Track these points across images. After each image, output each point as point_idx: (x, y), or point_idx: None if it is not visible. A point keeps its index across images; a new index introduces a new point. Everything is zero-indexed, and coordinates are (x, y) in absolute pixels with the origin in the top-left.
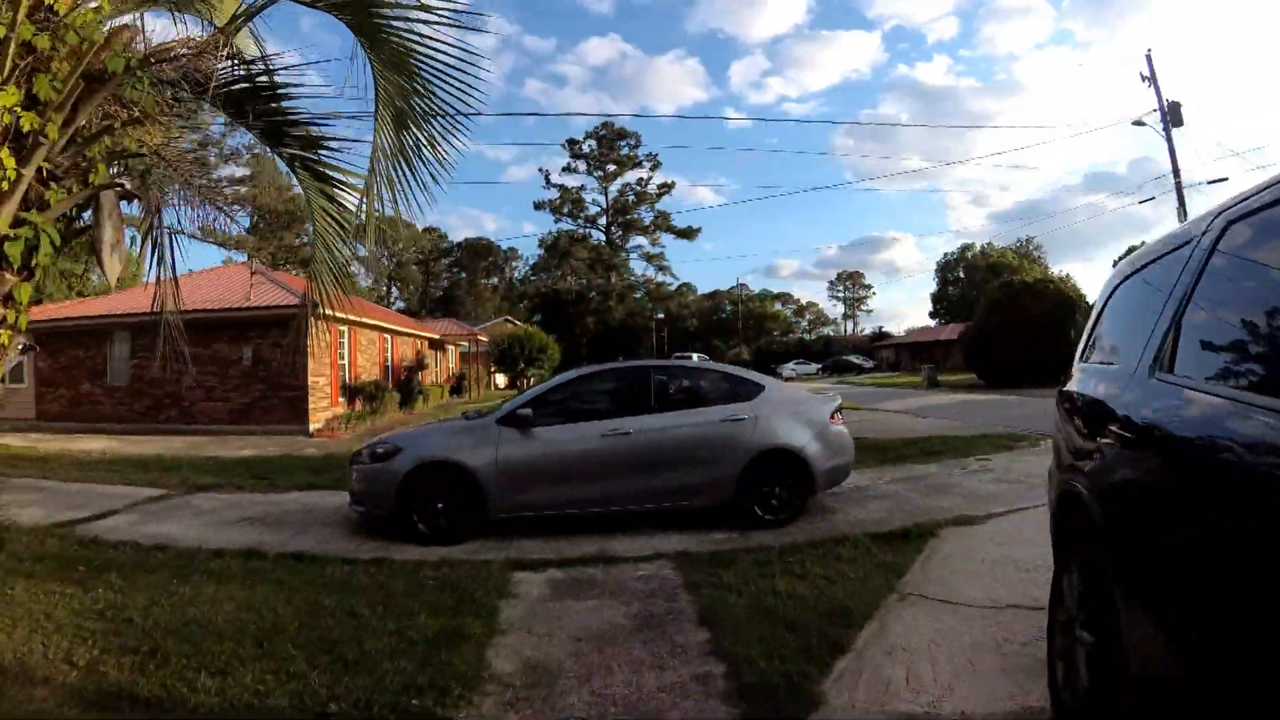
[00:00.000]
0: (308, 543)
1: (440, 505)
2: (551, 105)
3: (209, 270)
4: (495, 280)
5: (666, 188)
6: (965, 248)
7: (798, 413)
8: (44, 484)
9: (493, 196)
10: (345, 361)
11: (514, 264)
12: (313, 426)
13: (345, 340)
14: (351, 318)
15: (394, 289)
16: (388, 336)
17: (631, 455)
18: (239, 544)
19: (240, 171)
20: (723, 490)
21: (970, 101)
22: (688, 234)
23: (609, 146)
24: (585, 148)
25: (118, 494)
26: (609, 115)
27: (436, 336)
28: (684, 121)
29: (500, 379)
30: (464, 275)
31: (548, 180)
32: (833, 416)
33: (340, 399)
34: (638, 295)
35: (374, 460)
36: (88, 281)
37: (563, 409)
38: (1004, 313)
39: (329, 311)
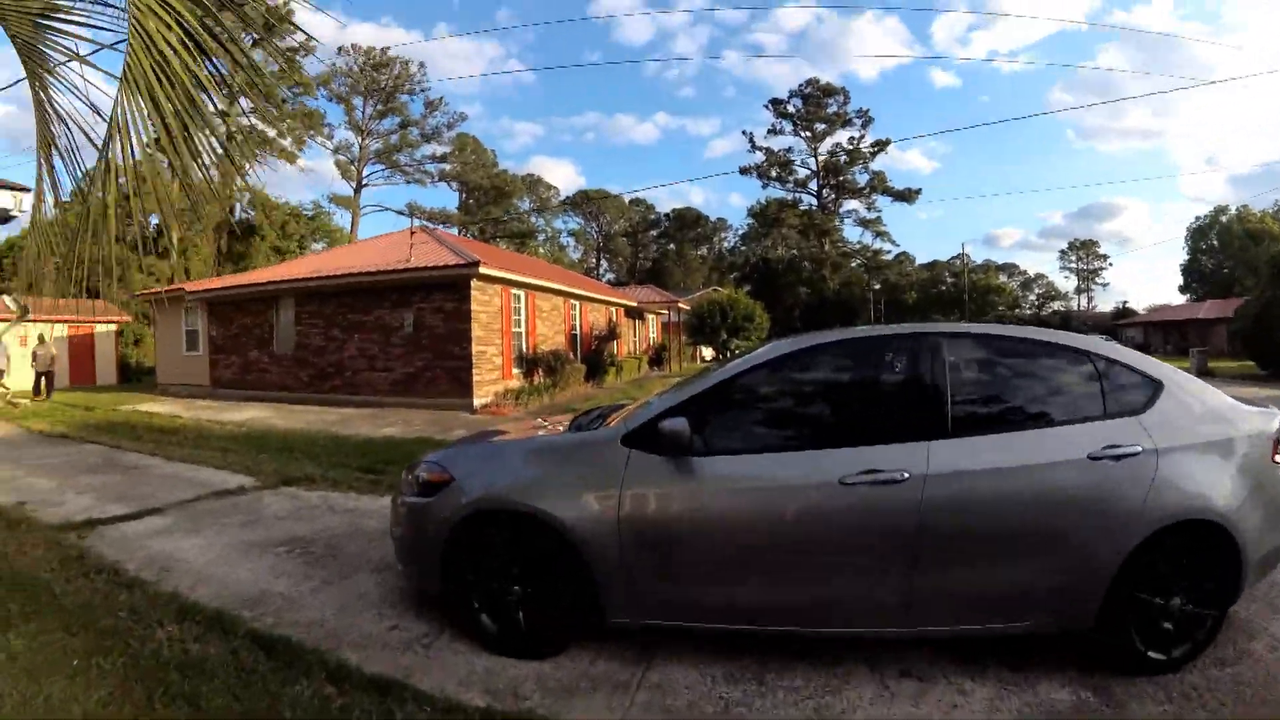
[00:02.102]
0: (322, 608)
1: (517, 588)
2: (750, 76)
3: (377, 237)
4: (704, 251)
5: (880, 145)
6: (1218, 211)
7: (1221, 442)
8: (142, 462)
9: (697, 170)
10: (522, 329)
11: (723, 235)
12: (478, 401)
13: (521, 305)
14: (527, 279)
15: (603, 261)
16: (574, 303)
17: (906, 527)
18: (232, 593)
19: (441, 149)
20: (1078, 604)
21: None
22: (906, 196)
23: (815, 105)
24: (790, 107)
25: (196, 482)
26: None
27: (633, 304)
28: (888, 86)
29: (707, 351)
30: (672, 246)
31: (752, 143)
32: (1277, 448)
33: (515, 370)
34: (854, 264)
35: (419, 492)
36: None
37: (756, 419)
38: None
39: (494, 272)
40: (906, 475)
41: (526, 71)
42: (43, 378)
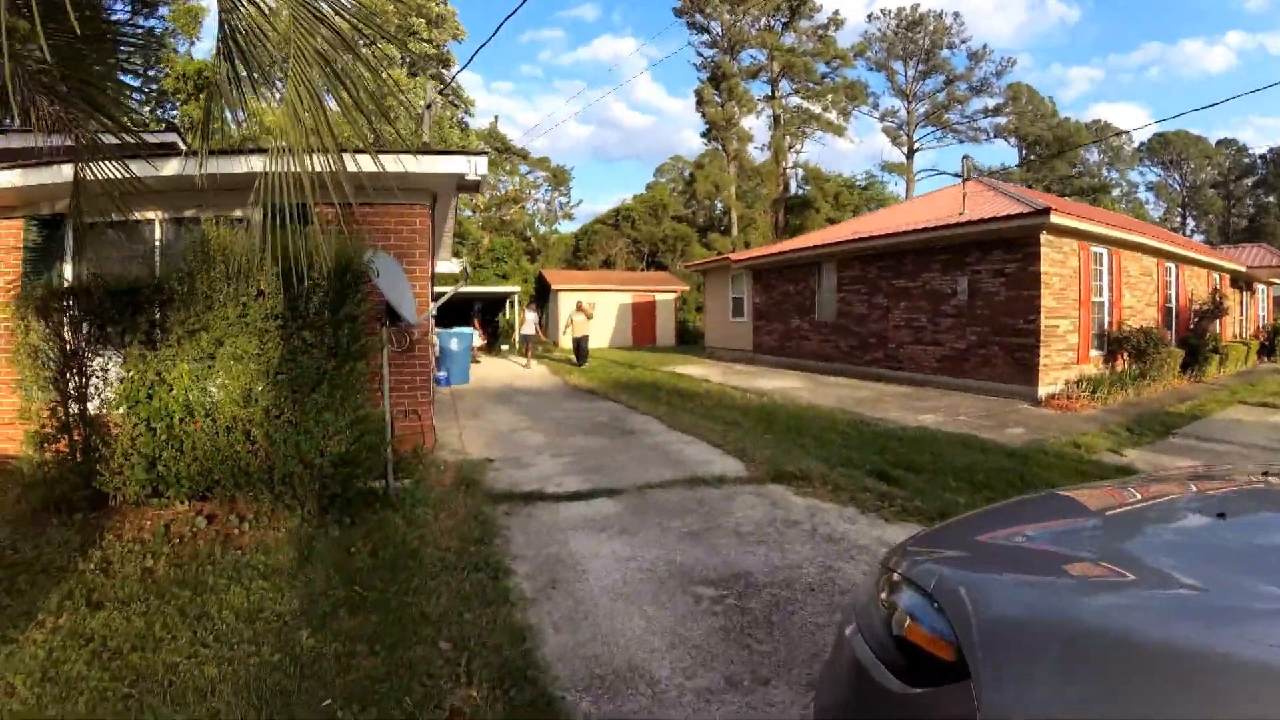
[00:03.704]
0: None
1: None
2: None
3: (925, 195)
4: None
5: None
6: None
7: None
8: (642, 426)
9: None
10: (1104, 299)
11: None
12: (1043, 390)
13: (1104, 268)
14: (1111, 232)
15: (1189, 219)
16: (1169, 266)
17: None
18: (589, 656)
19: (992, 101)
20: None
21: None
22: None
23: None
24: None
25: (678, 460)
26: None
27: (1241, 269)
28: None
29: None
30: (1271, 199)
31: None
32: None
33: (1092, 352)
34: None
35: (885, 655)
36: None
37: None
38: None
39: (1068, 222)
40: None
41: (1069, 7)
42: (577, 345)
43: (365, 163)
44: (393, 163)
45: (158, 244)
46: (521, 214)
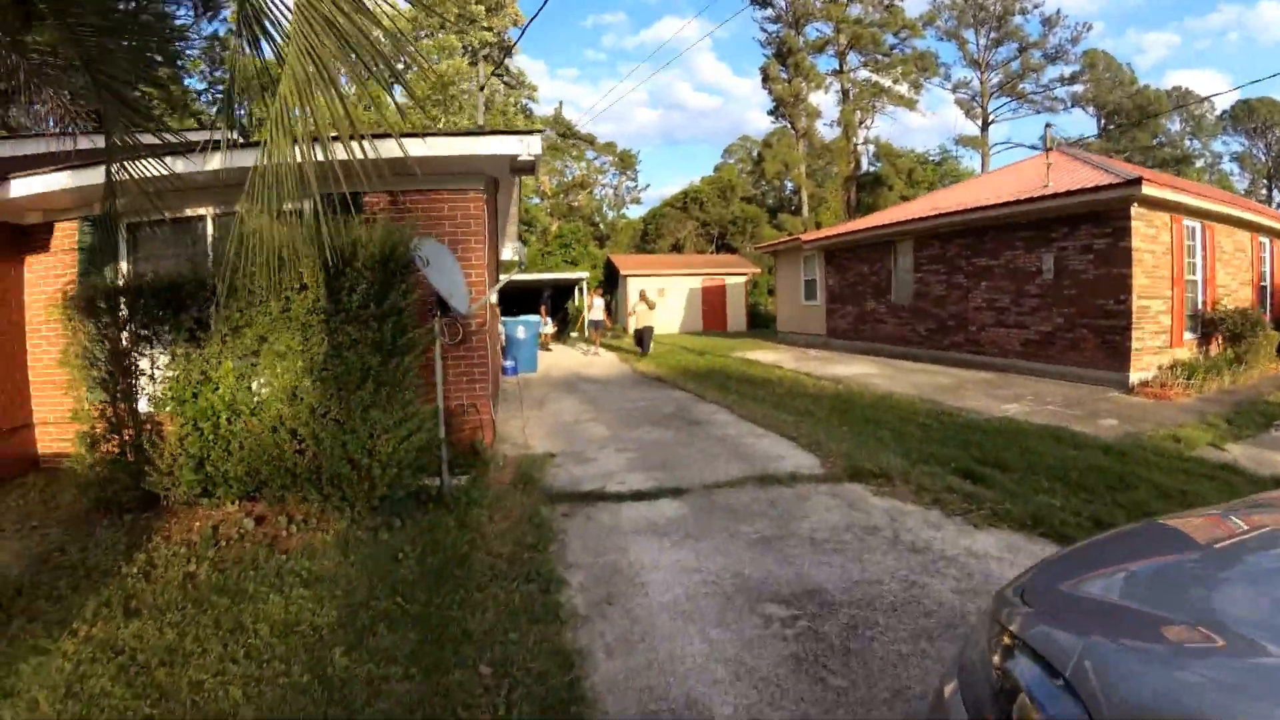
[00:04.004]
0: None
1: None
2: None
3: (1004, 168)
4: None
5: None
6: None
7: None
8: (711, 417)
9: None
10: (1196, 277)
11: None
12: (1134, 376)
13: (1196, 243)
14: (1207, 205)
15: (1275, 190)
16: (1263, 241)
17: None
18: (642, 688)
19: (1068, 69)
20: None
21: None
22: None
23: None
24: None
25: (749, 454)
26: None
27: None
28: None
29: None
30: None
31: None
32: None
33: (1185, 335)
34: None
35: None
36: None
37: None
38: None
39: (1161, 193)
40: None
41: None
42: (639, 335)
43: (411, 147)
44: (444, 145)
45: (210, 239)
46: (589, 200)
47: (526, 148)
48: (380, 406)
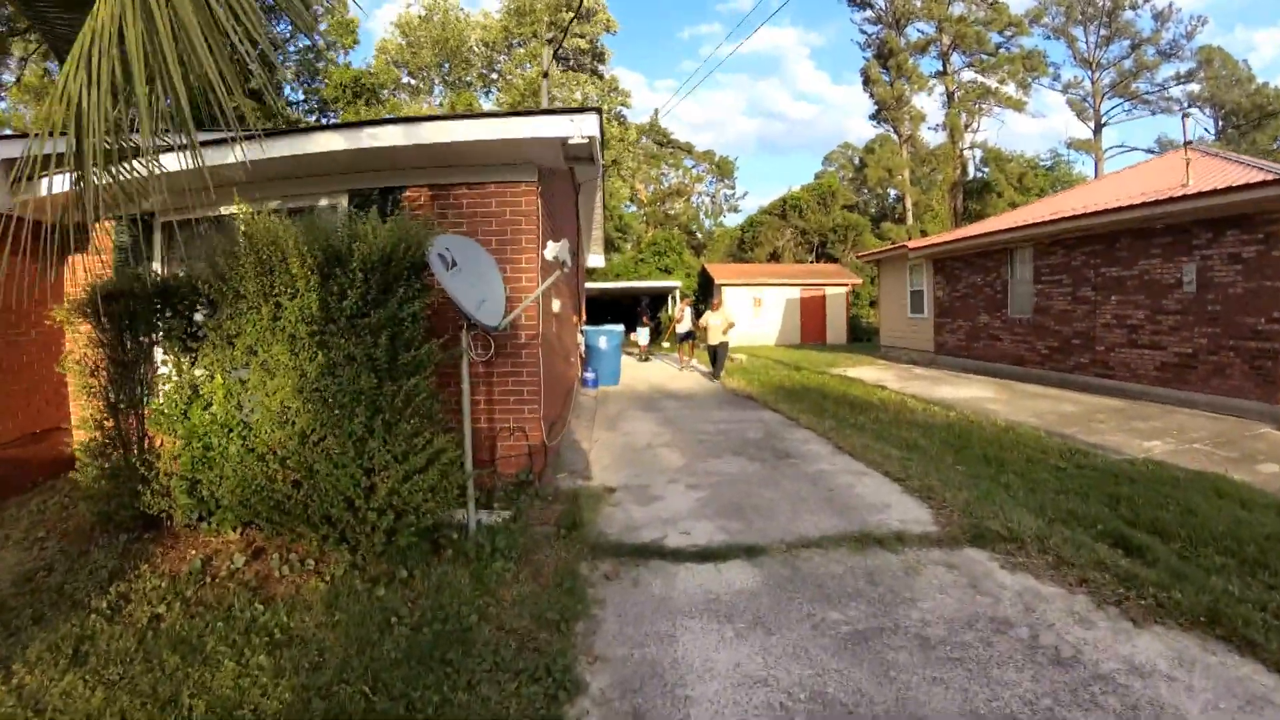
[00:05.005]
0: None
1: None
2: None
3: (1131, 167)
4: None
5: None
6: None
7: None
8: (802, 448)
9: None
10: None
11: None
12: None
13: None
14: None
15: None
16: None
17: None
18: None
19: (1183, 66)
20: None
21: None
22: None
23: None
24: None
25: (845, 501)
26: None
27: None
28: None
29: None
30: None
31: None
32: None
33: None
34: None
35: None
36: None
37: None
38: None
39: None
40: None
41: None
42: (713, 352)
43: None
44: (483, 129)
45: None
46: (687, 207)
47: (579, 129)
48: (378, 437)
